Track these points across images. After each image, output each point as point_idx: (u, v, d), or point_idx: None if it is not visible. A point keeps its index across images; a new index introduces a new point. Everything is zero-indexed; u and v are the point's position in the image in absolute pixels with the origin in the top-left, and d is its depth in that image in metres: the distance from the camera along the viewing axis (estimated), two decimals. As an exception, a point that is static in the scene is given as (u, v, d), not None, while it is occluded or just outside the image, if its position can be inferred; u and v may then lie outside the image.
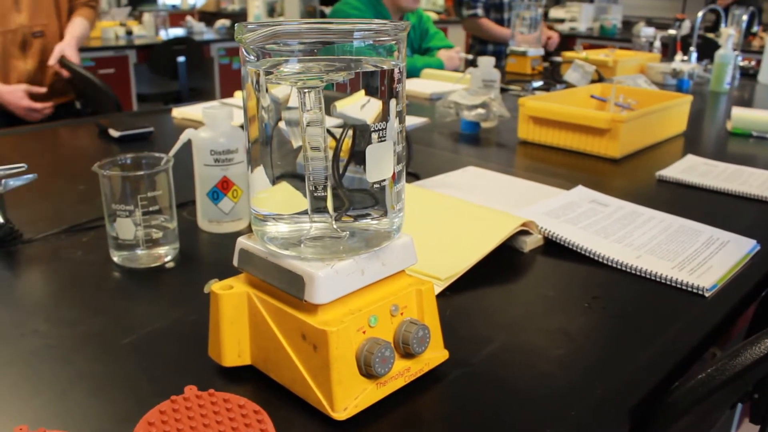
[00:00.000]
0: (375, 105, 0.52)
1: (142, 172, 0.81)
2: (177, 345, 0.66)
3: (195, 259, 0.87)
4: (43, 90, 2.05)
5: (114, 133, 1.45)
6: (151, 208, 0.81)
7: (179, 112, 1.73)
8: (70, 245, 0.89)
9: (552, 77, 2.44)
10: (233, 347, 0.60)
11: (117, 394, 0.58)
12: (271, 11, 5.95)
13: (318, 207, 0.54)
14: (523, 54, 2.64)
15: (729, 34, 2.39)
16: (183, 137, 0.89)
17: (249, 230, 0.94)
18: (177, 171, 0.85)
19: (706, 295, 0.79)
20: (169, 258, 0.85)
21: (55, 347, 0.65)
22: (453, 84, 2.14)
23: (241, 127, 0.94)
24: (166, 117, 1.73)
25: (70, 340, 0.66)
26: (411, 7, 2.57)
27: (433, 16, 5.87)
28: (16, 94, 2.00)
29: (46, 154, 1.43)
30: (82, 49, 2.25)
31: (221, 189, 0.91)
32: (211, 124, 0.90)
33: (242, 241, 0.60)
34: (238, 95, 1.90)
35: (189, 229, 0.94)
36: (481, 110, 1.56)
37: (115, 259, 0.83)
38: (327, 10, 5.42)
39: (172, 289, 0.79)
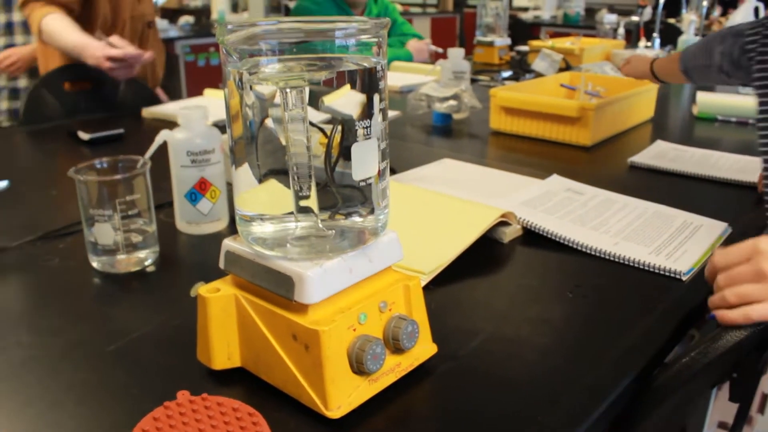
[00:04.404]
0: (360, 100, 0.52)
1: (119, 176, 0.80)
2: (164, 350, 0.66)
3: (175, 262, 0.86)
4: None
5: (84, 135, 1.42)
6: (129, 212, 0.80)
7: (149, 112, 1.70)
8: (47, 252, 0.88)
9: (520, 66, 2.46)
10: (222, 350, 0.60)
11: (108, 402, 0.57)
12: (235, 6, 5.88)
13: (303, 207, 0.54)
14: (490, 44, 2.66)
15: (691, 20, 2.44)
16: (158, 139, 0.88)
17: (228, 231, 0.94)
18: (151, 173, 0.84)
19: (683, 278, 0.80)
20: (149, 261, 0.84)
21: (41, 357, 0.64)
22: (424, 76, 2.15)
23: (215, 125, 0.93)
24: (136, 117, 1.71)
25: (55, 350, 0.65)
26: (356, 1, 2.55)
27: (398, 7, 5.85)
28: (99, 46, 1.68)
29: (13, 158, 1.40)
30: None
31: (199, 190, 0.91)
32: (186, 124, 0.89)
33: (228, 243, 0.59)
34: (208, 93, 1.88)
35: (167, 232, 0.93)
36: (452, 102, 1.57)
37: (95, 264, 0.82)
38: (291, 4, 5.37)
39: (155, 294, 0.78)
